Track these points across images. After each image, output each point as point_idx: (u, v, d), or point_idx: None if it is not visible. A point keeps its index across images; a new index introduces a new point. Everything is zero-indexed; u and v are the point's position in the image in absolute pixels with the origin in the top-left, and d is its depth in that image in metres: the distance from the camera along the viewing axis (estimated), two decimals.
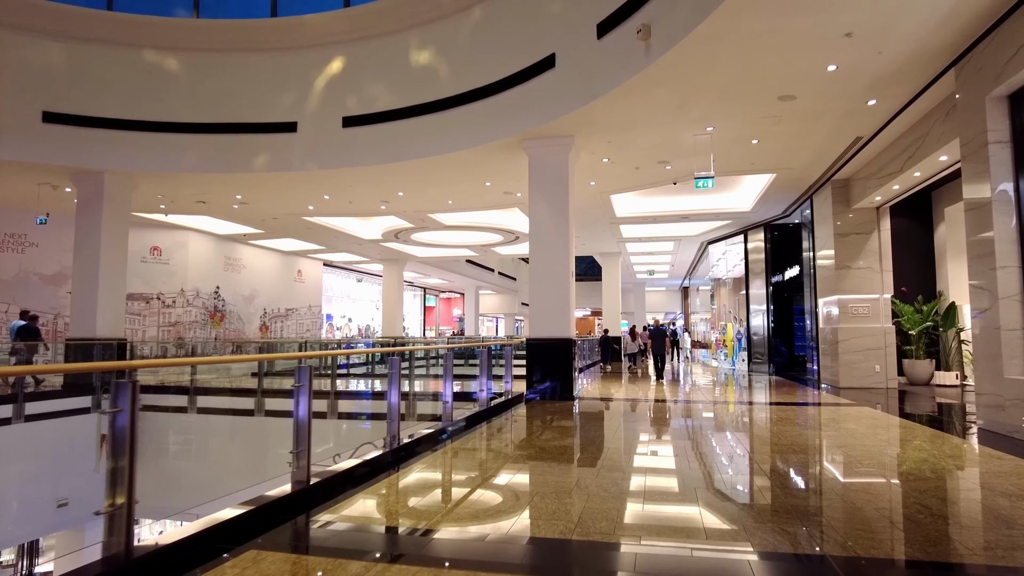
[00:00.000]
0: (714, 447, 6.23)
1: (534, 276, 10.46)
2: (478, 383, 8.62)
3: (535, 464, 5.38)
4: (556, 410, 8.86)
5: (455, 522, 3.78)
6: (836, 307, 12.75)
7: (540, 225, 10.48)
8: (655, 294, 44.98)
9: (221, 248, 20.85)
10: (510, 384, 10.04)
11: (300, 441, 4.32)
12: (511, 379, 10.07)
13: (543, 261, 10.40)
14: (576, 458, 5.69)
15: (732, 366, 20.45)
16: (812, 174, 12.72)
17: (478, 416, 7.94)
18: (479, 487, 4.64)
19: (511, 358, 10.13)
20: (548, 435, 6.87)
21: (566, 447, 6.19)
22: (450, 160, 11.68)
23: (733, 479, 4.81)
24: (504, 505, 4.11)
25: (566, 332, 10.21)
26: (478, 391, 8.61)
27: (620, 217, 17.13)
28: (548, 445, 6.27)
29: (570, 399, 10.02)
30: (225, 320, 21.01)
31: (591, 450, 6.06)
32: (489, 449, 6.27)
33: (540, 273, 10.41)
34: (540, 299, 10.38)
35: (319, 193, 14.67)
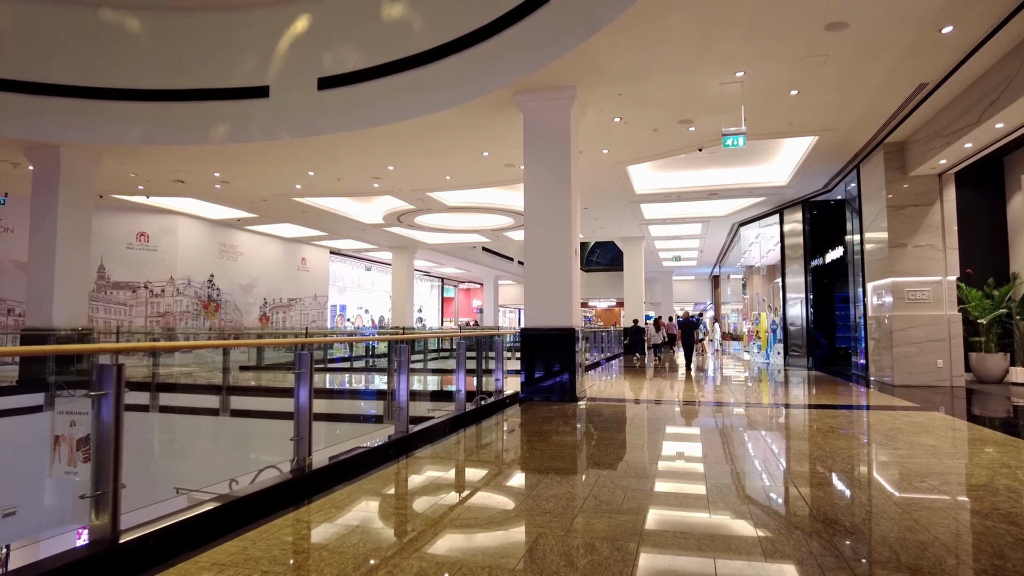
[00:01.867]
0: (758, 485, 4.62)
1: (529, 254, 8.89)
2: (458, 381, 7.11)
3: (486, 513, 3.85)
4: (552, 416, 7.30)
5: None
6: (889, 292, 10.92)
7: (537, 194, 8.89)
8: (683, 283, 42.96)
9: (215, 234, 19.68)
10: (501, 382, 8.51)
11: None
12: (502, 376, 8.53)
13: (540, 236, 8.82)
14: (552, 504, 4.14)
15: (766, 360, 18.61)
16: (861, 136, 10.87)
17: (449, 424, 6.43)
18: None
19: (502, 351, 8.58)
20: (532, 455, 5.32)
21: (550, 479, 4.63)
22: (437, 123, 10.15)
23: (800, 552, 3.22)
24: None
25: (568, 321, 8.63)
26: (457, 391, 7.10)
27: (640, 194, 15.41)
28: (525, 471, 4.72)
29: (573, 400, 8.45)
30: (220, 310, 19.87)
31: (579, 484, 4.50)
32: (426, 486, 4.74)
33: (536, 251, 8.84)
34: (537, 282, 8.81)
35: (302, 169, 13.28)
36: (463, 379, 7.04)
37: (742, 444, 5.68)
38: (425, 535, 3.22)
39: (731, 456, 5.11)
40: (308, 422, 4.25)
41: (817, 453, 5.14)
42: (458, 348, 7.14)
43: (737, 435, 6.15)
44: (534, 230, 8.87)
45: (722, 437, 6.03)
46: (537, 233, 8.84)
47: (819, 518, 3.39)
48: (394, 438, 5.43)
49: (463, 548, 3.03)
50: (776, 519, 3.43)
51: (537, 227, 8.85)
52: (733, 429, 6.48)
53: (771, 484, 4.21)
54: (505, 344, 9.67)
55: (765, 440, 5.85)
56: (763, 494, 3.96)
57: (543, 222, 8.81)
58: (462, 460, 5.13)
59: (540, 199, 8.86)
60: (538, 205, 8.86)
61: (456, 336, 8.29)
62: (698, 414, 7.63)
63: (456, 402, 7.07)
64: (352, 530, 3.31)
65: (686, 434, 6.28)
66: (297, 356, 4.27)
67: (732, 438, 5.98)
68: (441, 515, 3.55)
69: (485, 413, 7.41)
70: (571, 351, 8.55)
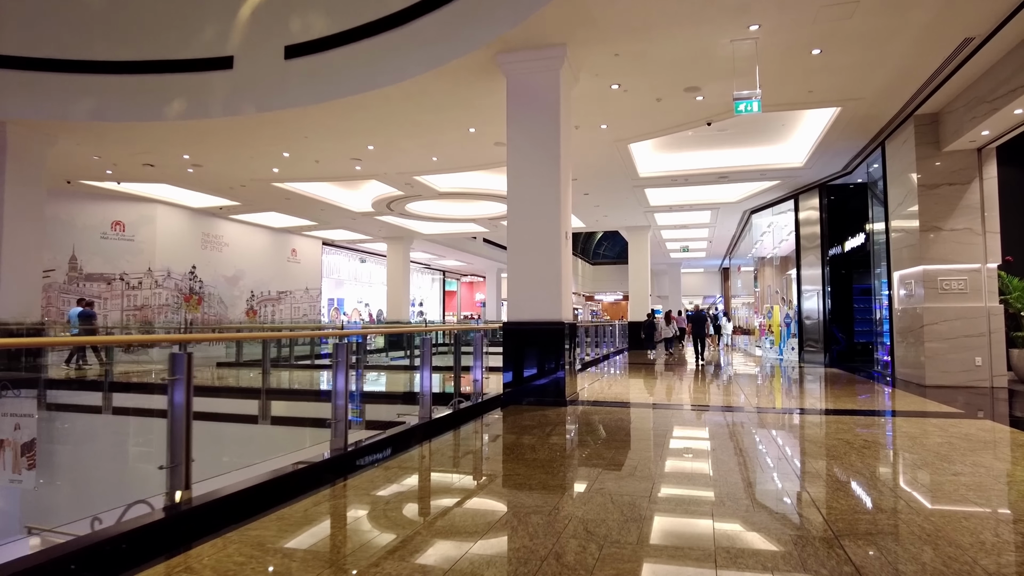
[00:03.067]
0: (786, 536, 3.55)
1: (513, 239, 7.81)
2: (422, 384, 6.06)
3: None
4: (534, 424, 6.24)
5: None
6: (919, 282, 9.78)
7: (521, 169, 7.81)
8: (692, 276, 41.77)
9: (197, 223, 18.71)
10: (481, 383, 7.46)
11: None
12: (482, 376, 7.48)
13: (525, 218, 7.75)
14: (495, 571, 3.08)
15: (779, 356, 17.47)
16: (889, 107, 9.71)
17: (407, 436, 5.39)
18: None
19: (482, 348, 7.51)
20: (491, 484, 4.27)
21: (502, 525, 3.58)
22: (414, 93, 9.10)
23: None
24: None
25: (556, 314, 7.56)
26: (421, 396, 6.05)
27: (644, 178, 14.29)
28: (475, 510, 3.67)
29: (562, 404, 7.39)
30: (204, 303, 18.92)
31: (540, 535, 3.44)
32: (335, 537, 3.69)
33: (521, 235, 7.76)
34: (521, 270, 7.75)
35: (276, 149, 12.25)
36: (428, 382, 5.99)
37: (760, 469, 4.59)
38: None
39: (746, 487, 4.03)
40: (185, 443, 3.22)
41: (860, 481, 4.05)
42: (422, 346, 6.09)
43: (752, 455, 5.06)
44: (519, 211, 7.79)
45: (733, 457, 4.95)
46: (522, 214, 7.77)
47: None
48: (327, 457, 4.39)
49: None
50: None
51: (522, 207, 7.77)
52: (746, 447, 5.39)
53: (805, 540, 3.13)
54: (497, 338, 8.64)
55: (790, 463, 4.76)
56: (795, 560, 2.88)
57: (529, 202, 7.74)
58: (403, 490, 4.08)
59: (525, 175, 7.78)
60: (523, 182, 7.78)
61: (419, 332, 7.24)
62: (704, 424, 6.54)
63: (420, 408, 6.03)
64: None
65: (688, 452, 5.20)
66: (171, 358, 3.23)
67: (746, 460, 4.90)
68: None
69: (456, 421, 6.36)
70: (560, 348, 7.48)
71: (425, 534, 3.11)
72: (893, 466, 4.46)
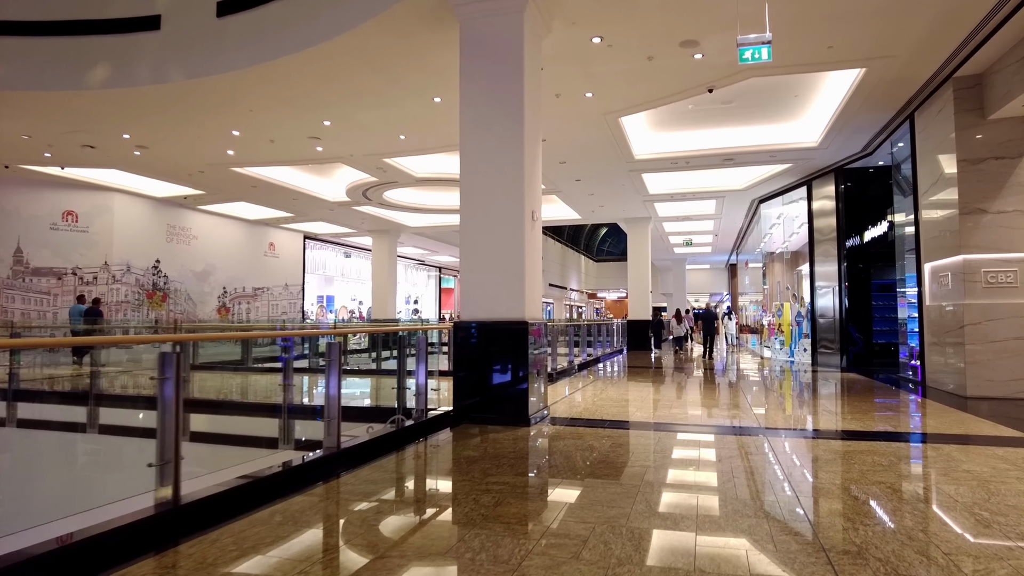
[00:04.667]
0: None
1: (466, 220, 6.40)
2: (328, 404, 4.65)
3: None
4: (479, 458, 4.85)
5: None
6: (958, 274, 8.30)
7: (476, 135, 6.39)
8: (697, 273, 40.20)
9: (161, 214, 17.38)
10: (424, 397, 6.04)
11: None
12: (426, 389, 6.06)
13: (480, 194, 6.33)
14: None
15: (791, 357, 15.98)
16: (925, 66, 8.24)
17: (292, 477, 4.00)
18: None
19: (425, 353, 6.09)
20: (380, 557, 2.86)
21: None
22: (359, 50, 7.70)
23: None
24: None
25: (518, 311, 6.14)
26: (327, 421, 4.65)
27: (640, 160, 12.82)
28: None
29: (523, 423, 5.98)
30: (169, 300, 17.60)
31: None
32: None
33: (475, 214, 6.35)
34: (475, 257, 6.33)
35: (222, 126, 10.89)
36: (335, 399, 4.58)
37: (787, 553, 3.16)
38: None
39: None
40: None
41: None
42: (328, 353, 4.68)
43: (775, 517, 3.63)
44: (473, 186, 6.37)
45: (747, 516, 3.52)
46: (476, 190, 6.35)
47: None
48: (143, 517, 3.00)
49: None
50: None
51: (476, 181, 6.35)
52: (765, 504, 3.96)
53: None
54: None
55: (829, 556, 3.32)
56: None
57: (485, 174, 6.31)
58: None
59: (481, 142, 6.36)
60: (478, 151, 6.36)
61: (334, 333, 5.86)
62: (703, 461, 5.12)
63: (326, 436, 4.63)
64: None
65: (678, 520, 3.77)
66: None
67: (764, 518, 3.47)
68: None
69: (380, 448, 4.96)
70: (523, 354, 6.06)
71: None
72: (973, 536, 3.03)
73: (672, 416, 6.76)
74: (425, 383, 6.04)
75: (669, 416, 6.77)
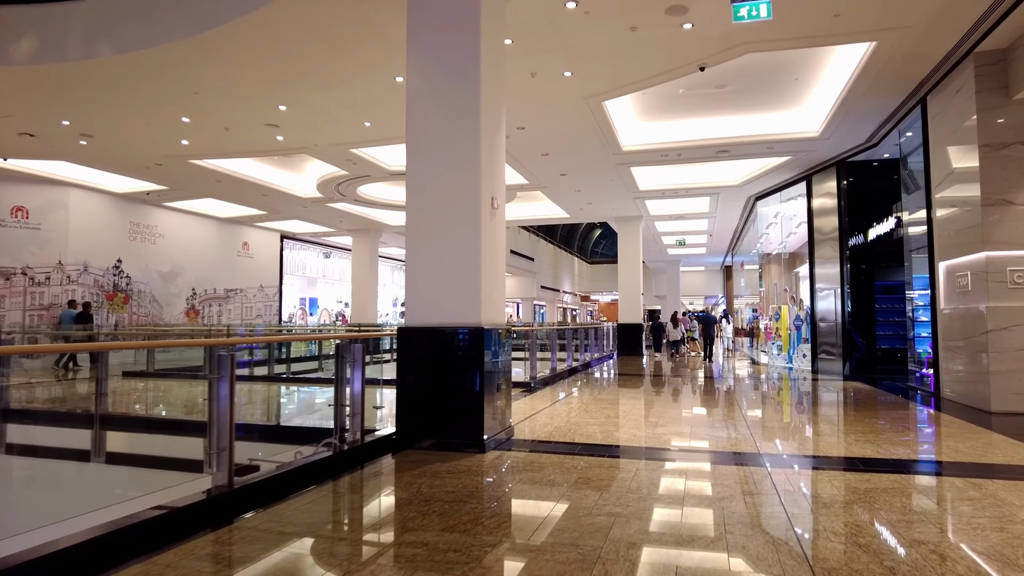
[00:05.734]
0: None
1: (412, 207, 5.45)
2: (215, 433, 3.69)
3: None
4: (409, 499, 3.91)
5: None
6: (980, 273, 7.39)
7: (424, 108, 5.46)
8: (692, 275, 39.28)
9: (123, 211, 16.37)
10: (361, 417, 5.07)
11: None
12: (361, 409, 5.09)
13: (428, 176, 5.39)
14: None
15: (789, 363, 15.06)
16: (941, 40, 7.33)
17: (142, 537, 3.04)
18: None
19: (362, 365, 5.13)
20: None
21: None
22: (301, 15, 6.76)
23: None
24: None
25: (474, 315, 5.19)
26: (215, 452, 3.70)
27: (629, 151, 11.89)
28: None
29: (477, 449, 5.02)
30: (132, 302, 16.59)
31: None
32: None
33: (423, 201, 5.40)
34: (423, 251, 5.38)
35: (169, 111, 9.93)
36: (226, 424, 3.63)
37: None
38: None
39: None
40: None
41: None
42: (214, 366, 3.70)
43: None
44: (420, 166, 5.42)
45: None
46: (424, 172, 5.40)
47: None
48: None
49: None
50: None
51: (424, 162, 5.41)
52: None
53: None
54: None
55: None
56: None
57: (434, 154, 5.37)
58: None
59: (429, 116, 5.42)
60: (426, 126, 5.42)
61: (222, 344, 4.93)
62: (691, 497, 4.17)
63: (215, 472, 3.67)
64: None
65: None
66: None
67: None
68: None
69: (286, 486, 4.00)
70: (478, 366, 5.10)
71: None
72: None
73: (659, 438, 5.81)
74: (362, 401, 5.08)
75: (655, 438, 5.82)
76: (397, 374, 5.28)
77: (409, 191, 5.41)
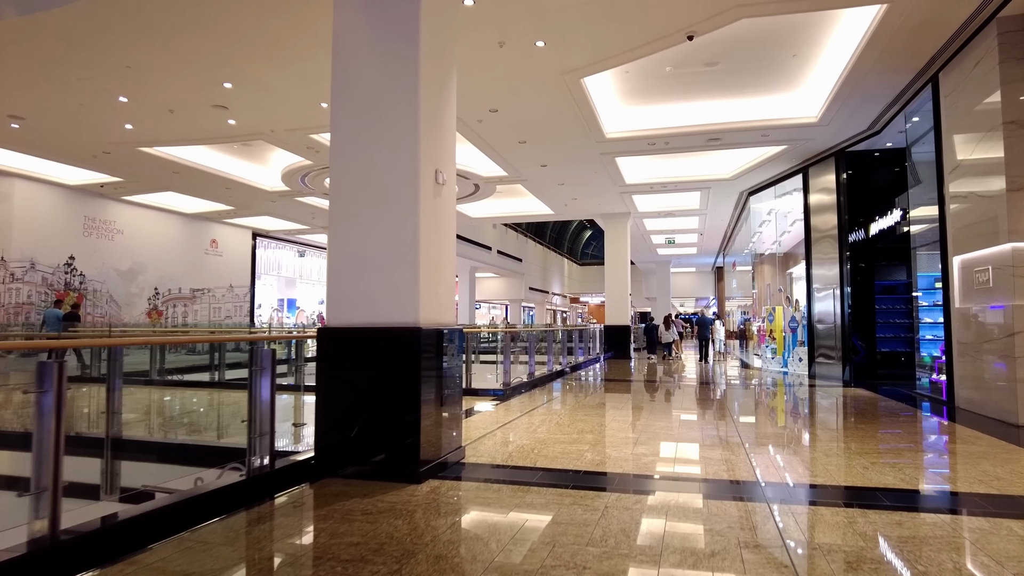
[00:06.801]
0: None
1: (336, 183, 4.51)
2: (37, 467, 2.74)
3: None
4: (295, 557, 3.02)
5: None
6: (1004, 268, 6.53)
7: (350, 55, 4.53)
8: (683, 276, 38.50)
9: (76, 204, 15.33)
10: (270, 438, 4.12)
11: None
12: (271, 428, 4.14)
13: (355, 143, 4.46)
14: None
15: (784, 367, 14.19)
16: (960, 5, 6.47)
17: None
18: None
19: (272, 376, 4.19)
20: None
21: None
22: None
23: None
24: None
25: (410, 313, 4.25)
26: (47, 475, 2.74)
27: (613, 139, 11.00)
28: None
29: (410, 479, 4.07)
30: (86, 301, 15.54)
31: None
32: None
33: (347, 175, 4.47)
34: (348, 237, 4.45)
35: (104, 91, 8.96)
36: (50, 452, 2.70)
37: None
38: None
39: None
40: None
41: None
42: (38, 378, 2.76)
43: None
44: (345, 130, 4.49)
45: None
46: (350, 137, 4.47)
47: None
48: None
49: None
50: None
51: (351, 125, 4.47)
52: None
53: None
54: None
55: None
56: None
57: (362, 114, 4.44)
58: None
59: (356, 65, 4.49)
60: (352, 78, 4.49)
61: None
62: (679, 554, 3.24)
63: (34, 514, 2.72)
64: None
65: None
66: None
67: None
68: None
69: (153, 531, 3.05)
70: (414, 376, 4.16)
71: None
72: None
73: (639, 460, 4.88)
74: (271, 418, 4.13)
75: (635, 460, 4.89)
76: (316, 385, 4.33)
77: (333, 164, 4.48)
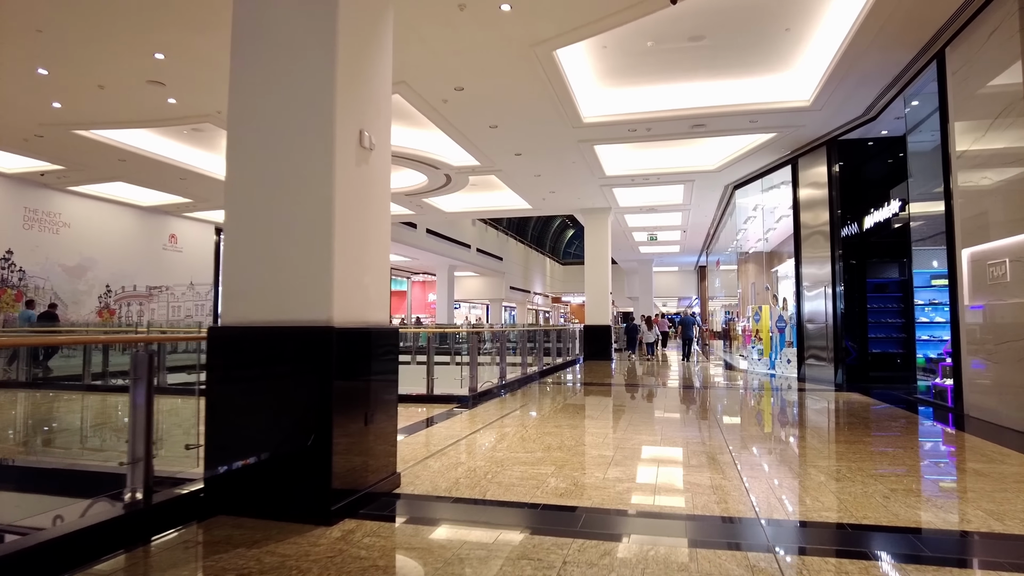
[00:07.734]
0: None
1: (233, 149, 3.62)
2: None
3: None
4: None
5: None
6: (1023, 260, 5.81)
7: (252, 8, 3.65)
8: (665, 275, 37.86)
9: (14, 194, 14.22)
10: (148, 462, 3.24)
11: None
12: (147, 450, 3.26)
13: (256, 100, 3.57)
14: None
15: (771, 369, 13.48)
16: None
17: None
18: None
19: (151, 386, 3.31)
20: None
21: None
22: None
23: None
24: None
25: (321, 309, 3.38)
26: None
27: (591, 124, 10.18)
28: None
29: (318, 519, 3.21)
30: (26, 299, 14.43)
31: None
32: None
33: (246, 140, 3.58)
34: (246, 216, 3.56)
35: (18, 60, 7.97)
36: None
37: None
38: None
39: None
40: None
41: None
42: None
43: None
44: (245, 84, 3.61)
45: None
46: (251, 92, 3.59)
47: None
48: None
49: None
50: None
51: (252, 77, 3.59)
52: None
53: None
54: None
55: None
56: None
57: (265, 63, 3.56)
58: None
59: (260, 18, 3.61)
60: (253, 18, 3.61)
61: None
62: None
63: None
64: None
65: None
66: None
67: None
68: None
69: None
70: (326, 386, 3.30)
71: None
72: None
73: (611, 489, 4.04)
74: (146, 439, 3.24)
75: (606, 488, 4.05)
76: (207, 398, 3.45)
77: (230, 115, 3.59)
